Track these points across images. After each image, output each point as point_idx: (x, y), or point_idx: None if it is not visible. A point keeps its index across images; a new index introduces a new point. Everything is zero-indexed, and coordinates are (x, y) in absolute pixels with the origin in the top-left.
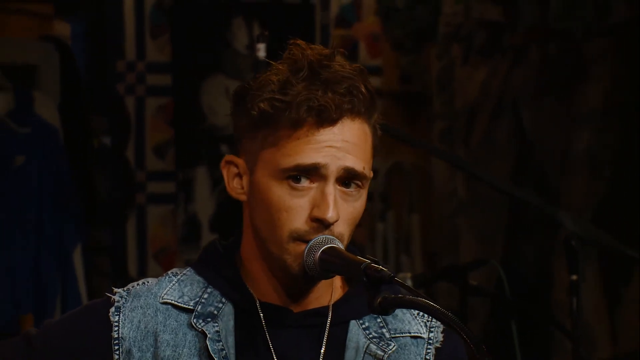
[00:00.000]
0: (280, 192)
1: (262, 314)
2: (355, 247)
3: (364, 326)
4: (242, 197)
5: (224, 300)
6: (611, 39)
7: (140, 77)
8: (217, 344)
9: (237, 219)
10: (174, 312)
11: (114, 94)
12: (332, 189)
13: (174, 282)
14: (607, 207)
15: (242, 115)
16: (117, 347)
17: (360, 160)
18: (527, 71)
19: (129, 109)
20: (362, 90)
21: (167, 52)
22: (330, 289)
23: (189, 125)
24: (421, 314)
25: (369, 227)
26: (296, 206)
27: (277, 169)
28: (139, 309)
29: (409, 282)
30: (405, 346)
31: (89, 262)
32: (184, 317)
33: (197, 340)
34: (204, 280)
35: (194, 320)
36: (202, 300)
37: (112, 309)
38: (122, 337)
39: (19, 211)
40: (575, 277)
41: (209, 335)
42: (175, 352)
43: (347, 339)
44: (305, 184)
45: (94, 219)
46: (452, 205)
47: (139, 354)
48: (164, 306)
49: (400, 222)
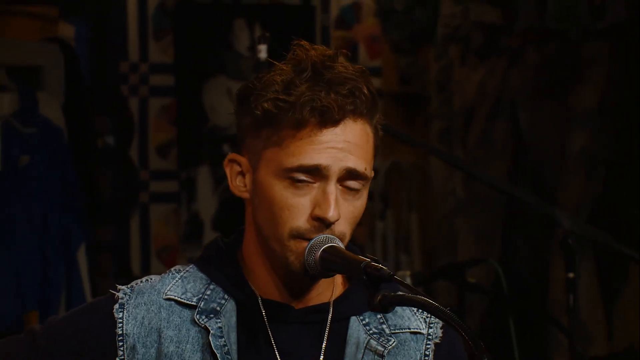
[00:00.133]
0: (282, 191)
1: (264, 310)
2: (355, 246)
3: (364, 322)
4: (245, 195)
5: (226, 296)
6: (607, 40)
7: (143, 78)
8: (219, 340)
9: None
10: (177, 308)
11: (118, 95)
12: (333, 189)
13: (177, 279)
14: (603, 206)
15: (246, 114)
16: (121, 344)
17: (361, 160)
18: (524, 72)
19: (133, 110)
20: (365, 91)
21: (170, 54)
22: (331, 286)
23: (192, 125)
24: (420, 310)
25: (368, 226)
26: (298, 205)
27: (280, 168)
28: (143, 305)
29: (408, 280)
30: (405, 342)
31: (93, 260)
32: (187, 313)
33: (200, 336)
34: (206, 277)
35: (197, 316)
36: (205, 296)
37: (116, 306)
38: (126, 334)
39: (24, 210)
40: (571, 275)
41: (211, 331)
42: (178, 347)
43: (348, 334)
44: (307, 183)
45: (97, 217)
46: (451, 204)
47: (143, 350)
48: (168, 302)
49: (399, 221)
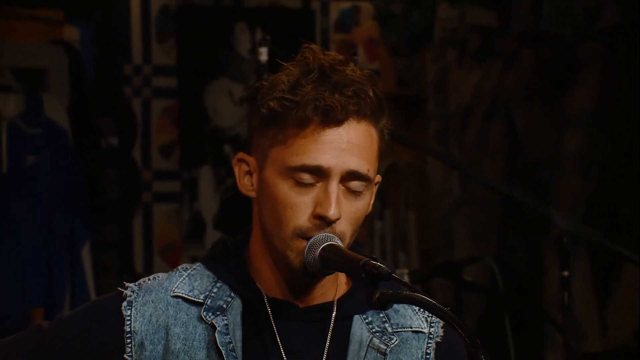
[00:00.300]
0: (286, 190)
1: (270, 308)
2: (359, 246)
3: (367, 321)
4: (252, 194)
5: (232, 294)
6: (601, 43)
7: (146, 80)
8: (225, 337)
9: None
10: (185, 305)
11: (121, 96)
12: (335, 188)
13: (184, 277)
14: (597, 205)
15: (254, 114)
16: (129, 341)
17: (364, 162)
18: (519, 74)
19: (136, 111)
20: (370, 93)
21: (173, 56)
22: (335, 285)
23: (194, 126)
24: (422, 310)
25: (367, 225)
26: (300, 203)
27: (284, 167)
28: (151, 303)
29: (406, 278)
30: (406, 340)
31: (97, 259)
32: (194, 310)
33: (206, 333)
34: (213, 275)
35: (204, 313)
36: (212, 294)
37: (124, 303)
38: (134, 331)
39: (29, 209)
40: (566, 273)
41: (218, 328)
42: (185, 344)
43: (351, 333)
44: (310, 182)
45: (101, 216)
46: (448, 203)
47: (151, 347)
48: (175, 300)
49: (397, 220)
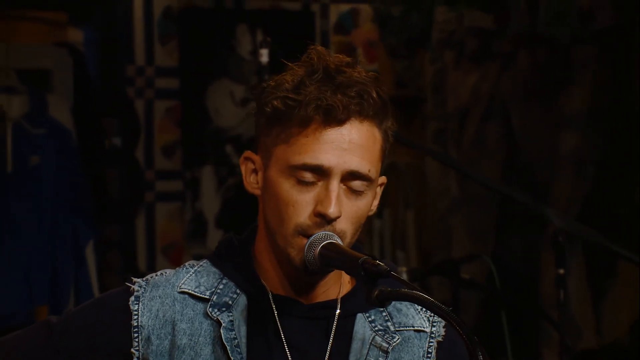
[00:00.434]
0: (288, 188)
1: (274, 305)
2: (361, 245)
3: (370, 319)
4: (257, 192)
5: (238, 291)
6: (596, 45)
7: (149, 81)
8: (230, 333)
9: (242, 216)
10: (191, 301)
11: (124, 97)
12: (335, 187)
13: (190, 273)
14: (592, 204)
15: (260, 113)
16: (136, 335)
17: (366, 162)
18: (516, 75)
19: (139, 112)
20: (373, 95)
21: (175, 58)
22: (338, 283)
23: (196, 126)
24: (425, 309)
25: (366, 224)
26: (302, 201)
27: (287, 166)
28: (158, 298)
29: (405, 276)
30: (408, 339)
31: (101, 257)
32: (200, 306)
33: (212, 329)
34: (219, 272)
35: (210, 309)
36: (218, 290)
37: (132, 298)
38: (141, 326)
39: (34, 208)
40: (561, 271)
41: (223, 324)
42: (191, 340)
43: (354, 331)
44: (311, 180)
45: (105, 215)
46: (446, 203)
47: (157, 341)
48: (182, 296)
49: (396, 219)
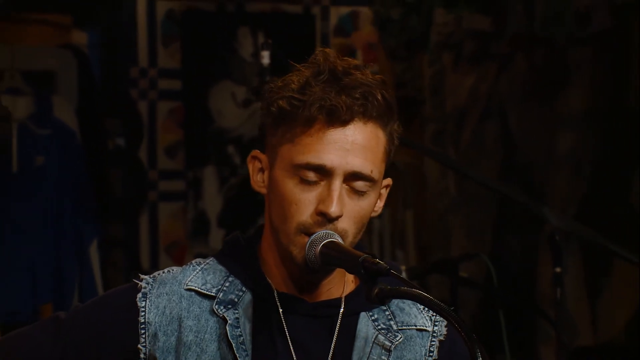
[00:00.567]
0: (291, 186)
1: (279, 303)
2: (363, 245)
3: (373, 318)
4: (263, 191)
5: (244, 289)
6: (592, 47)
7: (152, 82)
8: (235, 330)
9: (243, 215)
10: (197, 298)
11: (128, 99)
12: (337, 186)
13: (197, 271)
14: (589, 203)
15: (267, 113)
16: (143, 331)
17: (368, 163)
18: (513, 77)
19: (142, 113)
20: (378, 97)
21: (178, 60)
22: (342, 282)
23: (198, 127)
24: (427, 309)
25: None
26: (304, 200)
27: (290, 165)
28: (165, 295)
29: (404, 275)
30: (411, 338)
31: (105, 255)
32: (206, 303)
33: (217, 326)
34: (225, 269)
35: (216, 306)
36: (224, 288)
37: (139, 295)
38: (148, 322)
39: (39, 208)
40: (558, 270)
41: (229, 321)
42: (197, 337)
43: (357, 329)
44: (314, 180)
45: (109, 215)
46: (444, 202)
47: (164, 338)
48: (188, 293)
49: (395, 218)
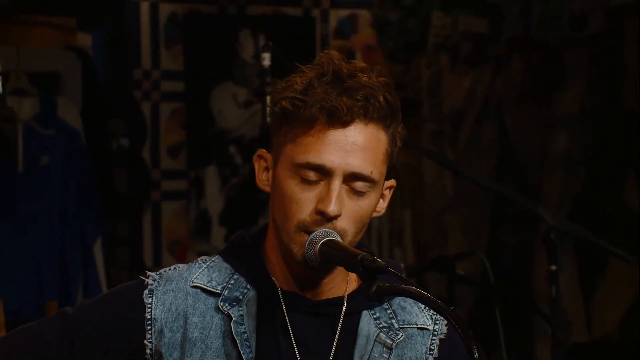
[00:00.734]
0: (292, 185)
1: (283, 300)
2: (363, 244)
3: (375, 316)
4: (267, 189)
5: (248, 286)
6: (586, 49)
7: (155, 84)
8: (240, 327)
9: (244, 214)
10: (203, 295)
11: (131, 100)
12: (336, 186)
13: (203, 268)
14: (583, 203)
15: (273, 113)
16: (149, 328)
17: (368, 163)
18: (509, 78)
19: (145, 113)
20: (380, 99)
21: (180, 62)
22: (345, 281)
23: (200, 128)
24: (427, 307)
25: None
26: (304, 199)
27: (292, 164)
28: (171, 292)
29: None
30: (412, 336)
31: (109, 253)
32: (211, 301)
33: (222, 322)
34: (230, 267)
35: (221, 303)
36: (229, 285)
37: (146, 292)
38: (154, 318)
39: (44, 207)
40: (553, 267)
41: (233, 318)
42: (202, 333)
43: (359, 327)
44: (314, 179)
45: (113, 213)
46: (441, 201)
47: (170, 334)
48: (194, 290)
49: (393, 217)
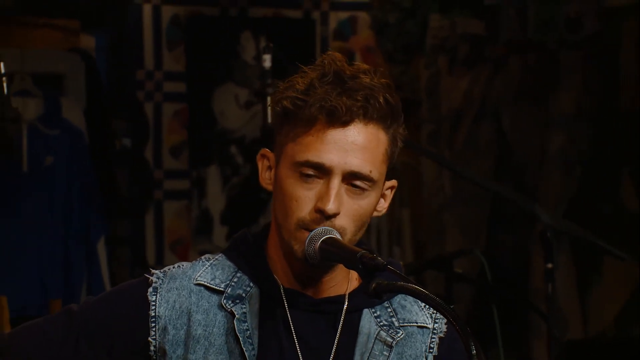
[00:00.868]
0: (293, 183)
1: (285, 298)
2: (363, 244)
3: (375, 315)
4: (270, 188)
5: (251, 284)
6: (582, 50)
7: (157, 85)
8: (243, 324)
9: (245, 213)
10: (206, 293)
11: (134, 100)
12: (335, 185)
13: (206, 266)
14: (579, 202)
15: (275, 113)
16: (153, 325)
17: (367, 163)
18: (506, 79)
19: (148, 114)
20: (380, 99)
21: (182, 63)
22: (347, 279)
23: (202, 128)
24: (427, 306)
25: None
26: (304, 197)
27: (292, 162)
28: (175, 290)
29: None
30: (412, 335)
31: (112, 252)
32: (215, 298)
33: (225, 320)
34: (234, 265)
35: (224, 301)
36: (232, 283)
37: (150, 289)
38: (158, 316)
39: (48, 206)
40: (550, 266)
41: (236, 315)
42: (205, 331)
43: (360, 325)
44: (314, 177)
45: (116, 213)
46: (440, 200)
47: (174, 331)
48: (197, 287)
49: (392, 216)
